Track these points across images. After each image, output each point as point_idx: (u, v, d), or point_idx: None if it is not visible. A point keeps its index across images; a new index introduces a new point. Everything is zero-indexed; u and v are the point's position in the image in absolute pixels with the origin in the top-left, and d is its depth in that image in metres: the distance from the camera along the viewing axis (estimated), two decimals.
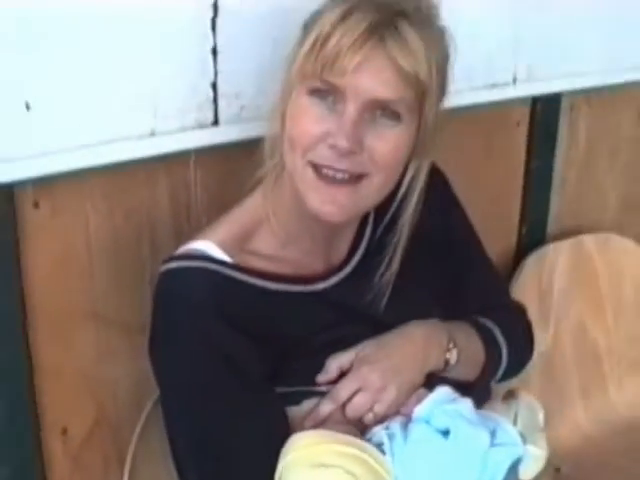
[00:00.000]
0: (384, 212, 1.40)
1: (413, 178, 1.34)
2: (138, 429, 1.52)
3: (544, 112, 2.10)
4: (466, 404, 1.32)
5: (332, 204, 1.26)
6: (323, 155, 1.24)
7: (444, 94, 1.32)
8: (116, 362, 1.56)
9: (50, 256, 1.44)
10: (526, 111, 2.08)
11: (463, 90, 1.81)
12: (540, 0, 1.94)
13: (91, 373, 1.55)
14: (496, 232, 1.96)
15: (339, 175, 1.25)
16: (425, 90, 1.25)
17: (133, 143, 1.44)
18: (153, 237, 1.54)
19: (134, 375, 1.56)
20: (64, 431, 1.55)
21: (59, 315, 1.48)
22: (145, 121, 1.45)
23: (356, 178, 1.26)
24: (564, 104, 2.13)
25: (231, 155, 1.55)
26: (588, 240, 2.24)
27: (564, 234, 2.24)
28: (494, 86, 1.92)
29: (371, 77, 1.21)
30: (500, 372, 1.50)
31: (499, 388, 1.57)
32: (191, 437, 1.29)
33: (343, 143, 1.22)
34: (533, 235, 2.19)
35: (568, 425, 2.20)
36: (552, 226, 2.24)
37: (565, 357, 2.22)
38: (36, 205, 1.39)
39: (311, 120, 1.24)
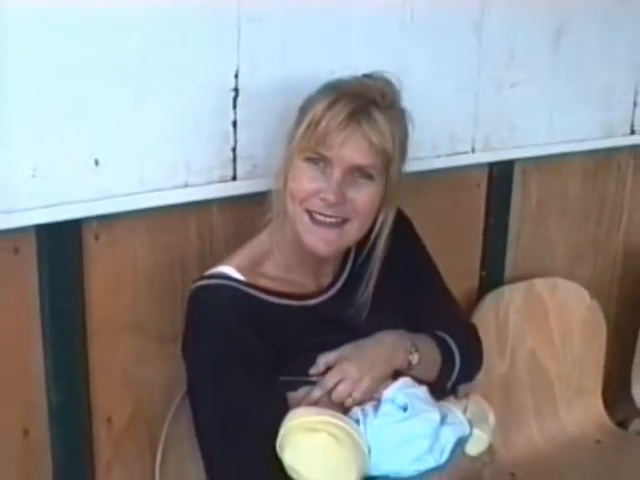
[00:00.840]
0: (362, 247, 1.77)
1: (383, 222, 1.73)
2: (169, 417, 1.83)
3: (500, 176, 2.40)
4: (422, 389, 1.69)
5: (323, 242, 1.66)
6: (316, 205, 1.64)
7: (404, 159, 1.72)
8: (151, 365, 1.87)
9: (105, 278, 1.78)
10: (484, 175, 2.38)
11: (430, 157, 2.18)
12: (495, 81, 2.26)
13: (131, 373, 1.86)
14: (460, 275, 2.23)
15: (328, 220, 1.64)
16: (390, 158, 1.66)
17: (171, 192, 1.79)
18: (183, 266, 1.87)
19: (166, 377, 1.87)
20: (109, 420, 1.86)
21: (110, 325, 1.80)
22: (180, 175, 1.80)
23: (341, 223, 1.66)
24: (517, 169, 2.42)
25: (245, 204, 1.87)
26: (539, 283, 2.51)
27: (518, 278, 2.50)
28: (456, 154, 2.24)
29: (351, 150, 1.61)
30: (454, 376, 1.82)
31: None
32: (214, 414, 1.64)
33: (331, 198, 1.62)
34: (492, 279, 2.46)
35: (523, 440, 2.47)
36: (508, 272, 2.49)
37: (520, 382, 2.48)
38: (97, 238, 1.74)
39: (307, 179, 1.64)
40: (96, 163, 1.69)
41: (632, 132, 2.66)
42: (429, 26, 2.11)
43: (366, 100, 1.63)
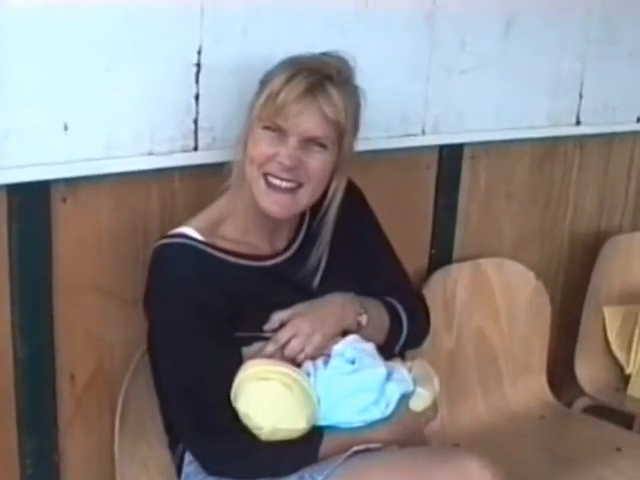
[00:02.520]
0: (316, 213, 1.88)
1: (335, 189, 1.83)
2: (129, 374, 1.90)
3: (449, 159, 2.48)
4: (370, 345, 1.80)
5: (277, 205, 1.76)
6: (273, 168, 1.74)
7: (357, 131, 1.83)
8: (113, 326, 1.94)
9: (71, 240, 1.85)
10: (434, 157, 2.46)
11: (381, 138, 2.26)
12: (446, 69, 2.34)
13: (94, 333, 1.93)
14: (410, 253, 2.28)
15: (284, 184, 1.75)
16: (343, 130, 1.76)
17: (135, 159, 1.88)
18: (145, 230, 1.94)
19: (126, 338, 1.94)
20: (72, 376, 1.92)
21: (75, 285, 1.87)
22: (145, 144, 1.88)
23: (295, 188, 1.76)
24: (466, 153, 2.50)
25: (205, 173, 1.96)
26: (485, 262, 2.59)
27: (466, 258, 2.57)
28: (407, 135, 2.32)
29: (307, 122, 1.72)
30: (402, 339, 1.93)
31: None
32: (174, 366, 1.73)
33: (287, 162, 1.73)
34: (441, 257, 2.54)
35: (469, 412, 2.53)
36: (456, 251, 2.57)
37: (467, 357, 2.55)
38: (64, 200, 1.82)
39: (265, 145, 1.74)
40: (65, 128, 1.77)
41: (578, 123, 2.75)
42: (383, 12, 2.19)
43: (322, 75, 1.74)
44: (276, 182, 1.75)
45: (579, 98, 2.73)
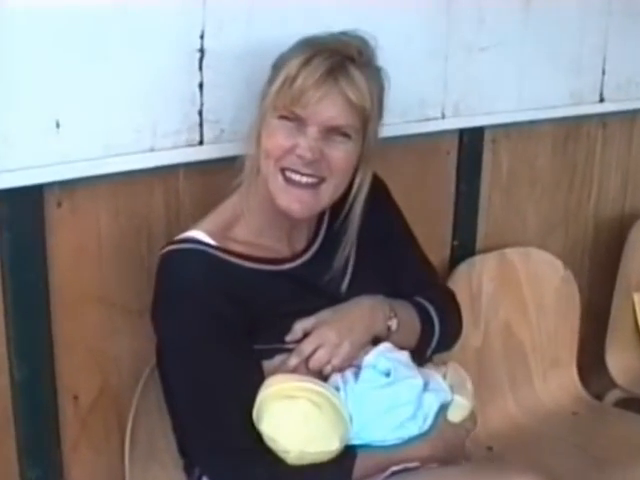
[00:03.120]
0: (338, 212, 1.72)
1: (360, 184, 1.68)
2: (138, 392, 1.77)
3: (470, 143, 2.35)
4: (404, 354, 1.65)
5: (297, 203, 1.60)
6: (292, 161, 1.58)
7: (381, 117, 1.67)
8: (118, 340, 1.82)
9: (68, 247, 1.72)
10: (454, 142, 2.33)
11: (399, 123, 2.12)
12: (465, 48, 2.22)
13: (97, 348, 1.80)
14: (431, 245, 2.11)
15: (304, 179, 1.59)
16: (368, 117, 1.61)
17: (136, 157, 1.74)
18: (149, 234, 1.81)
19: (133, 352, 1.83)
20: (75, 397, 1.80)
21: (74, 298, 1.75)
22: (146, 139, 1.75)
23: (316, 183, 1.60)
24: (487, 137, 2.38)
25: (213, 169, 1.83)
26: (511, 252, 2.47)
27: (490, 249, 2.46)
28: (426, 120, 2.20)
29: (328, 109, 1.56)
30: (434, 342, 1.79)
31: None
32: (187, 383, 1.58)
33: (308, 155, 1.57)
34: (463, 249, 2.42)
35: (499, 413, 2.42)
36: (480, 242, 2.46)
37: (495, 353, 2.45)
38: (59, 204, 1.69)
39: (283, 136, 1.58)
40: (57, 125, 1.63)
41: (601, 100, 2.63)
42: None
43: (343, 57, 1.58)
44: (296, 177, 1.60)
45: (602, 74, 2.61)
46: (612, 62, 2.60)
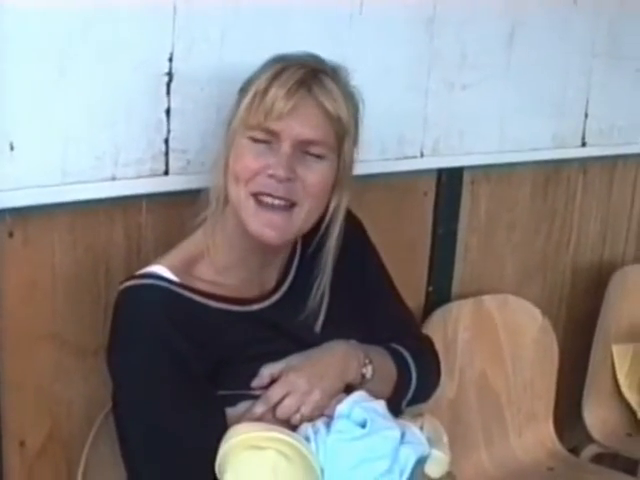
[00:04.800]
0: (308, 246, 1.62)
1: (335, 211, 1.57)
2: (90, 439, 1.64)
3: (448, 184, 2.27)
4: (380, 403, 1.53)
5: (270, 227, 1.49)
6: (263, 184, 1.47)
7: (357, 141, 1.57)
8: (70, 382, 1.70)
9: (19, 281, 1.60)
10: (432, 182, 2.25)
11: (377, 160, 2.05)
12: (446, 84, 2.15)
13: (48, 390, 1.68)
14: (405, 289, 2.00)
15: (276, 202, 1.48)
16: (345, 132, 1.51)
17: (95, 186, 1.63)
18: (108, 269, 1.70)
19: (86, 395, 1.71)
20: (22, 443, 1.67)
21: (24, 335, 1.62)
22: (107, 167, 1.64)
23: (290, 206, 1.49)
24: (466, 178, 2.31)
25: (177, 202, 1.73)
26: (488, 299, 2.39)
27: (467, 294, 2.38)
28: (405, 158, 2.11)
29: (302, 121, 1.46)
30: (410, 392, 1.68)
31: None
32: (141, 429, 1.46)
33: (280, 172, 1.46)
34: (439, 294, 2.33)
35: (472, 466, 2.34)
36: (456, 287, 2.38)
37: (469, 405, 2.36)
38: (11, 234, 1.57)
39: (251, 157, 1.48)
40: (11, 148, 1.52)
41: (583, 144, 2.58)
42: (379, 18, 1.99)
43: (316, 69, 1.50)
44: (268, 200, 1.49)
45: (585, 117, 2.56)
46: (595, 106, 2.57)
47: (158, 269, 1.51)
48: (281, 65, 1.49)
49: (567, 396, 2.61)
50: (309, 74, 1.48)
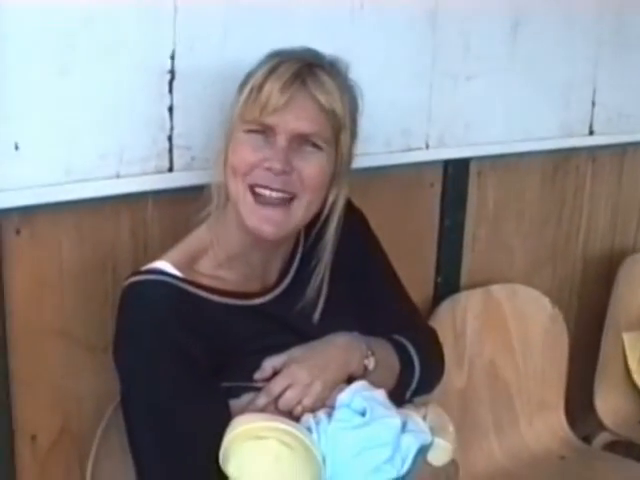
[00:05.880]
0: (309, 239, 1.64)
1: (333, 204, 1.59)
2: (99, 433, 1.66)
3: (455, 175, 2.27)
4: (381, 392, 1.55)
5: (268, 223, 1.51)
6: (260, 176, 1.49)
7: (355, 137, 1.59)
8: (80, 377, 1.72)
9: (28, 279, 1.62)
10: (439, 174, 2.25)
11: (381, 153, 2.06)
12: (450, 76, 2.16)
13: (58, 386, 1.70)
14: (413, 281, 2.02)
15: (274, 194, 1.50)
16: (340, 125, 1.52)
17: (101, 183, 1.65)
18: (115, 266, 1.72)
19: (96, 390, 1.72)
20: (33, 438, 1.69)
21: (33, 332, 1.64)
22: (111, 165, 1.66)
23: (288, 201, 1.51)
24: (472, 169, 2.31)
25: (183, 198, 1.73)
26: (497, 289, 2.39)
27: (476, 285, 2.38)
28: (409, 150, 2.12)
29: (297, 113, 1.48)
30: (413, 384, 1.69)
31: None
32: (147, 421, 1.48)
33: (277, 165, 1.48)
34: (447, 285, 2.33)
35: (483, 457, 2.35)
36: (464, 278, 2.37)
37: (479, 395, 2.36)
38: (18, 232, 1.59)
39: (249, 150, 1.50)
40: (16, 147, 1.54)
41: (591, 132, 2.58)
42: (380, 12, 1.99)
43: (312, 63, 1.52)
44: (265, 192, 1.50)
45: (592, 106, 2.56)
46: (602, 94, 2.56)
47: (161, 265, 1.53)
48: (277, 60, 1.51)
49: (579, 385, 2.61)
50: (304, 68, 1.50)
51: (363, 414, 1.50)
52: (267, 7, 1.80)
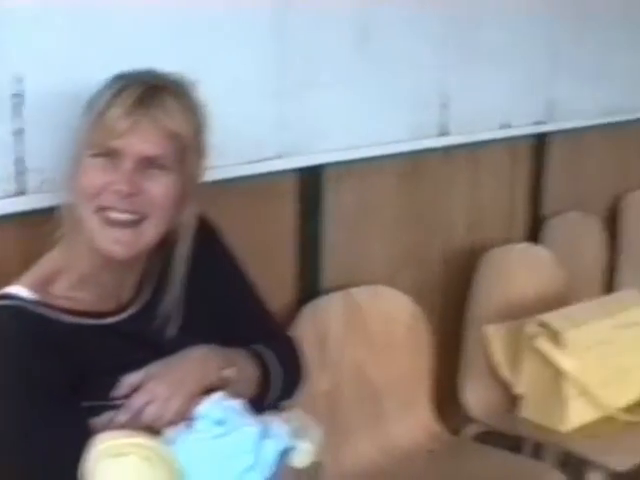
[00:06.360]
0: (164, 257, 1.66)
1: (184, 221, 1.62)
2: None
3: (310, 182, 2.31)
4: (238, 402, 1.58)
5: (118, 244, 1.53)
6: (108, 199, 1.51)
7: (203, 155, 1.62)
8: None
9: None
10: (294, 182, 2.29)
11: (233, 165, 2.07)
12: (299, 86, 2.20)
13: None
14: (274, 288, 2.09)
15: (123, 216, 1.52)
16: (186, 146, 1.55)
17: None
18: None
19: None
20: None
21: None
22: None
23: (137, 221, 1.53)
24: (328, 175, 2.35)
25: (36, 220, 1.71)
26: (357, 291, 2.43)
27: (337, 288, 2.41)
28: (263, 160, 2.15)
29: (140, 138, 1.50)
30: (273, 391, 1.73)
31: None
32: (5, 453, 1.46)
33: (124, 188, 1.50)
34: (308, 290, 2.37)
35: (354, 455, 2.38)
36: (326, 283, 2.41)
37: (345, 396, 2.39)
38: None
39: (96, 174, 1.52)
40: None
41: (444, 133, 2.66)
42: (228, 26, 2.04)
43: (157, 86, 1.54)
44: (113, 215, 1.53)
45: (442, 108, 2.64)
46: (452, 95, 2.64)
47: (15, 289, 1.54)
48: (121, 84, 1.53)
49: (447, 380, 2.68)
50: (149, 91, 1.52)
51: (222, 424, 1.52)
52: (114, 27, 1.81)
